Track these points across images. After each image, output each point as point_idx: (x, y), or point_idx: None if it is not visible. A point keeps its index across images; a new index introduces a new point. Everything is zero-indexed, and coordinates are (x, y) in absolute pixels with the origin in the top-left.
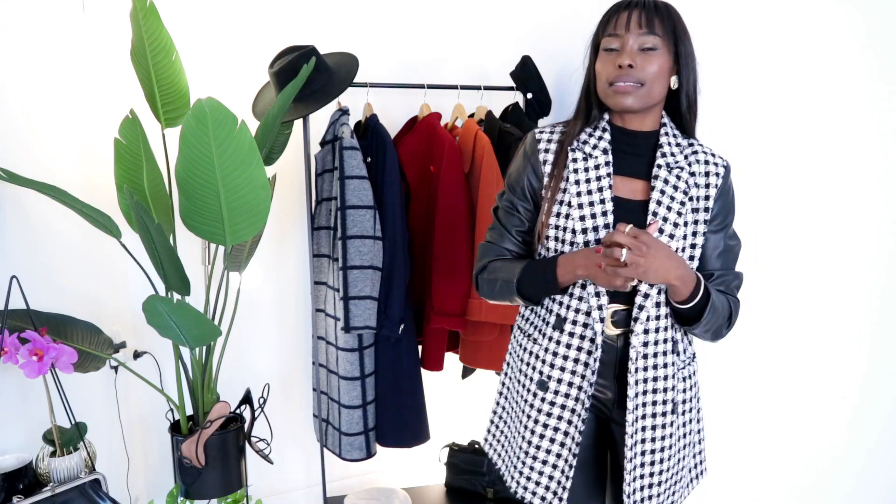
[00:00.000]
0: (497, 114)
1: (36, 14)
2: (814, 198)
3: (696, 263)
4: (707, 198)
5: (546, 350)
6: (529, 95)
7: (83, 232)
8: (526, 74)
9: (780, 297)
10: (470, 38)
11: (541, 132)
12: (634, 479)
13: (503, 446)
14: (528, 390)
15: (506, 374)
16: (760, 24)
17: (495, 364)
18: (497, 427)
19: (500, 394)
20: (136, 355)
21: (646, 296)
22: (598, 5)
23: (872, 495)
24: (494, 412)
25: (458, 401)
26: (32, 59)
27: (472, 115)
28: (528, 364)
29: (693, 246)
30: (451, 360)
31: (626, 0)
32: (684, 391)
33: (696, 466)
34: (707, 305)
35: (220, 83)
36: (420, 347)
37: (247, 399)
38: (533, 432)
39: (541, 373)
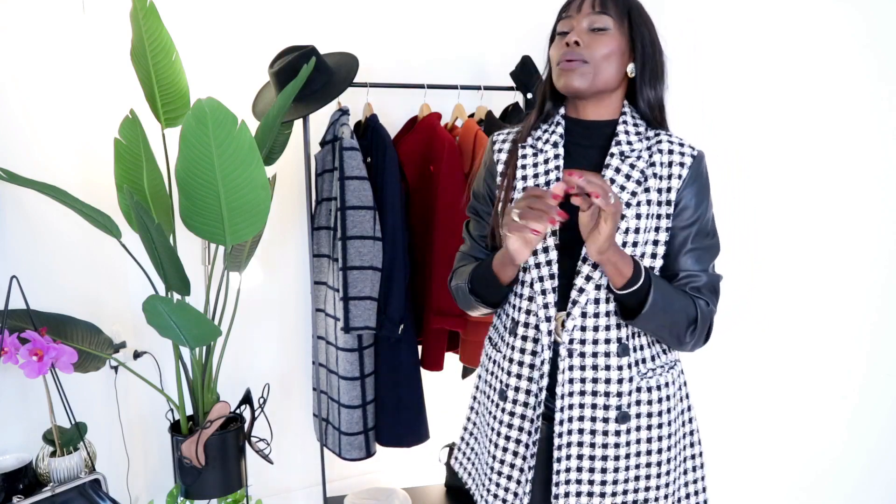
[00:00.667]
0: (497, 114)
1: (36, 14)
2: (814, 197)
3: (659, 262)
4: (669, 189)
5: (504, 357)
6: (529, 95)
7: (83, 232)
8: (526, 74)
9: (781, 298)
10: (470, 38)
11: (498, 134)
12: (568, 489)
13: (473, 464)
14: (492, 401)
15: (476, 387)
16: (761, 25)
17: None
18: (468, 444)
19: (472, 409)
20: (136, 355)
21: (581, 290)
22: None
23: (872, 495)
24: (465, 429)
25: (458, 401)
26: (32, 59)
27: (472, 115)
28: (491, 373)
29: (655, 242)
30: (451, 360)
31: None
32: (649, 403)
33: (688, 497)
34: (648, 296)
35: (220, 83)
36: (420, 347)
37: (247, 399)
38: (497, 446)
39: (501, 381)
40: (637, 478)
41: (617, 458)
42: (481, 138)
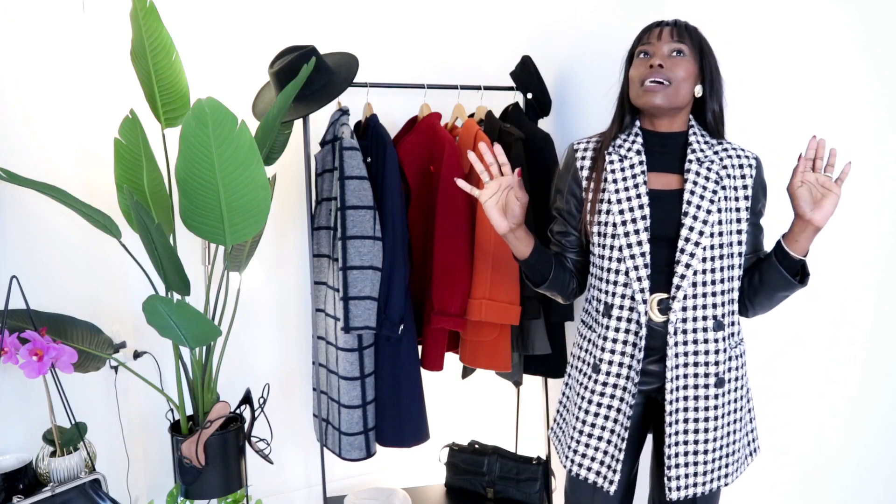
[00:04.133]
0: (497, 114)
1: (36, 14)
2: None
3: (744, 247)
4: (745, 187)
5: (598, 336)
6: (529, 95)
7: (83, 232)
8: (526, 74)
9: None
10: (470, 39)
11: (578, 142)
12: (678, 450)
13: (562, 430)
14: (584, 374)
15: (571, 364)
16: (760, 26)
17: (495, 364)
18: (561, 415)
19: (566, 384)
20: (136, 355)
21: (682, 276)
22: (597, 7)
23: (871, 494)
24: (560, 402)
25: (458, 401)
26: (32, 59)
27: (472, 115)
28: (586, 351)
29: (739, 231)
30: (451, 360)
31: (659, 20)
32: (737, 369)
33: (748, 444)
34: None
35: (220, 83)
36: (420, 347)
37: (247, 399)
38: (587, 412)
39: (594, 356)
40: (729, 433)
41: (716, 418)
42: (481, 138)
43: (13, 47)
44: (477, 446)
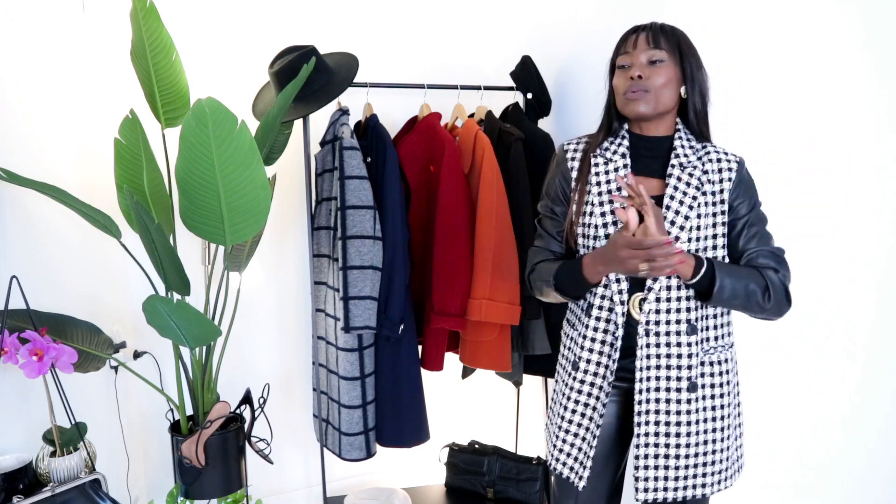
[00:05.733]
0: (497, 114)
1: (36, 14)
2: (811, 198)
3: (720, 252)
4: (722, 191)
5: (579, 334)
6: (529, 95)
7: (83, 232)
8: (526, 74)
9: None
10: (470, 39)
11: (569, 143)
12: (647, 451)
13: (548, 429)
14: (567, 372)
15: (558, 363)
16: (759, 26)
17: (495, 364)
18: (551, 409)
19: (555, 382)
20: (136, 355)
21: (655, 279)
22: (597, 7)
23: (871, 495)
24: (552, 398)
25: (458, 401)
26: (32, 59)
27: (472, 115)
28: (569, 349)
29: (715, 236)
30: (451, 360)
31: (636, 25)
32: (711, 375)
33: (738, 459)
34: (715, 280)
35: (220, 83)
36: (420, 347)
37: (247, 399)
38: (566, 408)
39: (575, 354)
40: (705, 441)
41: (689, 423)
42: (481, 138)
43: (13, 47)
44: (477, 446)
